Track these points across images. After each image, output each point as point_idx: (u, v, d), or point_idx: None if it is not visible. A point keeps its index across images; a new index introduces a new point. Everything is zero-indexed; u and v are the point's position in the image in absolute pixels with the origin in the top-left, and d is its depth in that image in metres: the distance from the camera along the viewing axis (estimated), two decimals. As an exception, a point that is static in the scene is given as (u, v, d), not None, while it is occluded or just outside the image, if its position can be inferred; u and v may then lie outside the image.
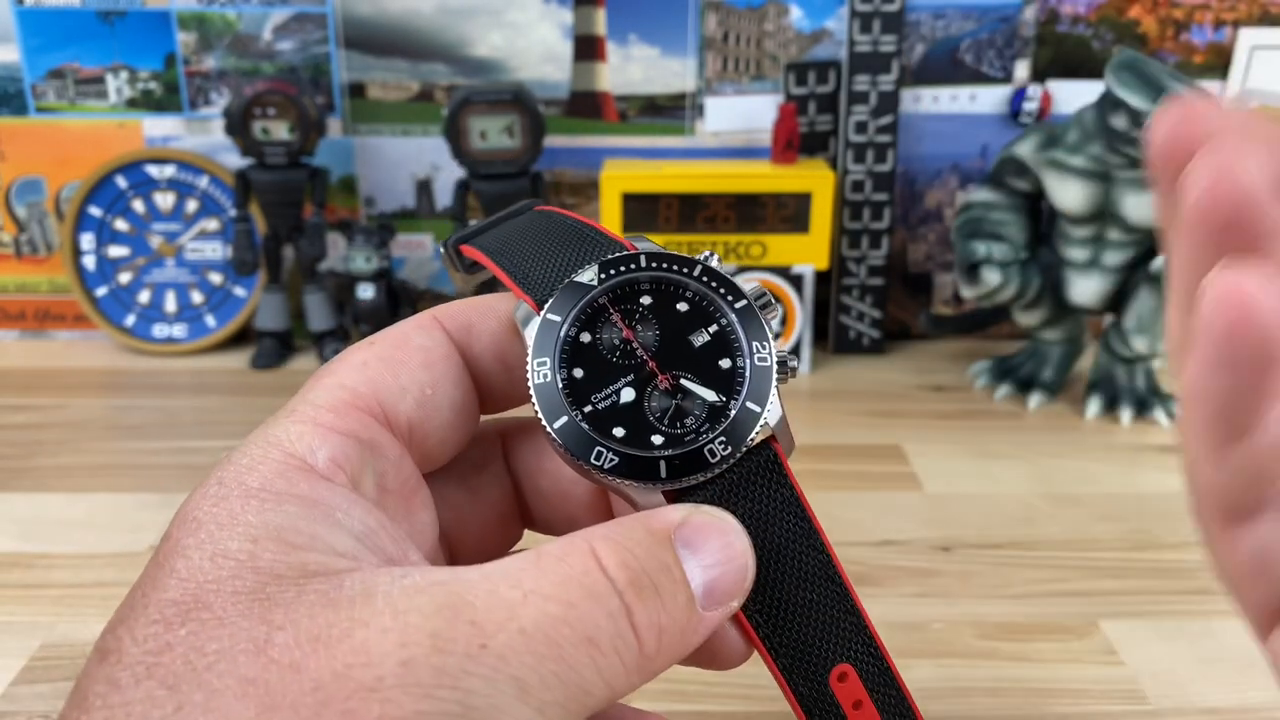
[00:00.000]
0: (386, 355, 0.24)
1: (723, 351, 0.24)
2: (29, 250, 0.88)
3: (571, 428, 0.23)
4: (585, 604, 0.19)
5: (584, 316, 0.24)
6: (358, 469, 0.22)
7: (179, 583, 0.19)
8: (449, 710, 0.17)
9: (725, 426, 0.23)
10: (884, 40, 0.81)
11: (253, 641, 0.17)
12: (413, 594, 0.18)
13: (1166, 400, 0.73)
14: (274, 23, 0.82)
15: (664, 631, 0.20)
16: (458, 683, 0.18)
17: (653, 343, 0.24)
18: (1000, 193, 0.74)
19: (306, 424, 0.22)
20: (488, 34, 0.83)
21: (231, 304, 0.87)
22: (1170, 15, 0.82)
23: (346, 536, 0.20)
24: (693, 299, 0.25)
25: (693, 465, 0.23)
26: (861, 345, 0.87)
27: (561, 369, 0.24)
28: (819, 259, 0.80)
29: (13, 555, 0.55)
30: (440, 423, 0.24)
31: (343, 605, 0.18)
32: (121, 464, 0.66)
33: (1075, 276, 0.73)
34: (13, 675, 0.46)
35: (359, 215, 0.87)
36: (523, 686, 0.18)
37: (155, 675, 0.17)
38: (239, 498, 0.20)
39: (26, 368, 0.83)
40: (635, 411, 0.23)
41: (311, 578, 0.19)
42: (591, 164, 0.86)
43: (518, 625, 0.18)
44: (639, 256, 0.25)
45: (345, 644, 0.17)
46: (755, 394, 0.23)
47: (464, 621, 0.18)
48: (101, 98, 0.84)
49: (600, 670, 0.19)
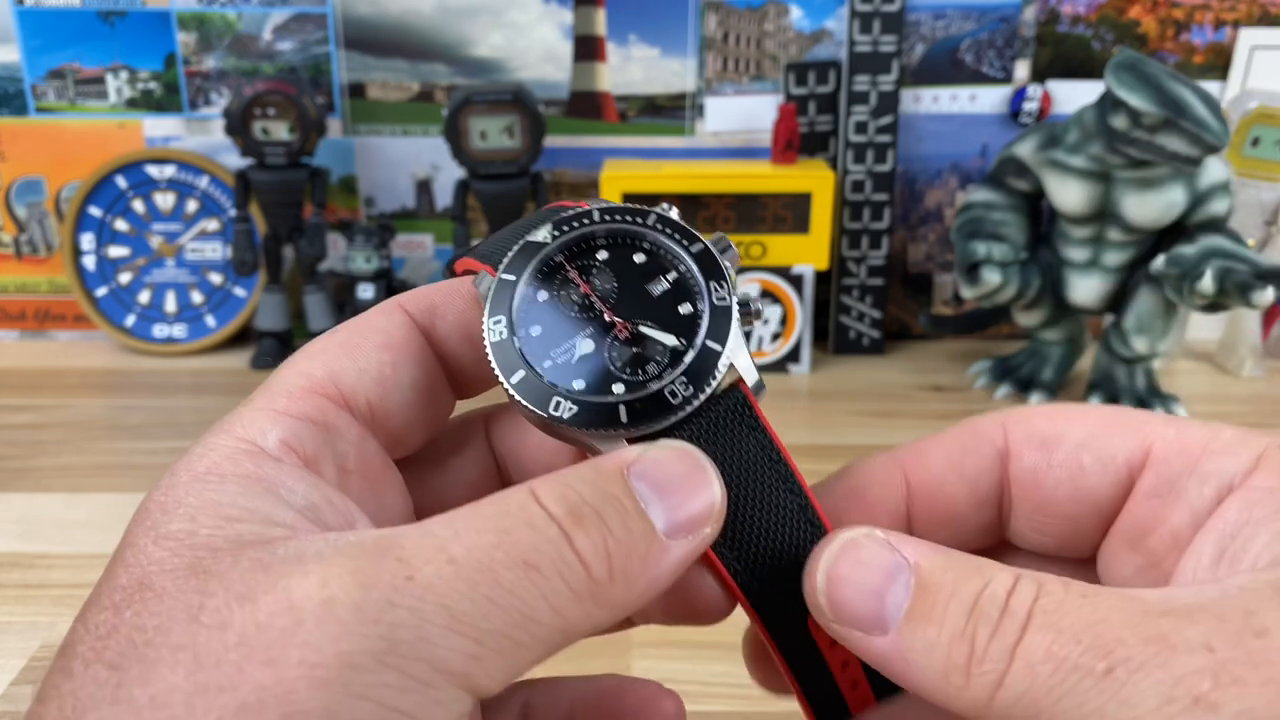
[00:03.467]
0: (344, 340, 0.24)
1: (682, 297, 0.24)
2: (29, 250, 0.88)
3: (529, 381, 0.23)
4: (520, 531, 0.19)
5: (540, 274, 0.24)
6: (313, 451, 0.22)
7: (126, 569, 0.19)
8: (372, 647, 0.17)
9: (685, 367, 0.22)
10: (884, 40, 0.81)
11: (187, 610, 0.18)
12: (344, 546, 0.18)
13: (1166, 400, 0.73)
14: (274, 23, 0.82)
15: (613, 556, 0.19)
16: (381, 615, 0.17)
17: (610, 294, 0.24)
18: (1000, 193, 0.74)
19: (260, 410, 0.22)
20: (488, 34, 0.83)
21: (231, 304, 0.87)
22: (1170, 15, 0.82)
23: (286, 509, 0.20)
24: (649, 249, 0.24)
25: (655, 409, 0.22)
26: (861, 345, 0.87)
27: (521, 326, 0.23)
28: (819, 259, 0.80)
29: (13, 555, 0.55)
30: (402, 402, 0.24)
31: (274, 565, 0.18)
32: (121, 464, 0.66)
33: (1075, 276, 0.73)
34: (13, 675, 0.46)
35: (359, 215, 0.87)
36: (454, 615, 0.17)
37: (102, 658, 0.18)
38: (185, 483, 0.20)
39: (26, 368, 0.83)
40: (594, 362, 0.23)
41: (247, 547, 0.19)
42: (591, 164, 0.86)
43: (446, 556, 0.18)
44: (592, 211, 0.24)
45: (269, 596, 0.17)
46: (714, 333, 0.23)
47: (390, 559, 0.18)
48: (101, 98, 0.84)
49: (544, 595, 0.18)
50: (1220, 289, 0.65)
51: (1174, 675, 0.17)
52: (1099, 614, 0.18)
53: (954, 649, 0.19)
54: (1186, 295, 0.66)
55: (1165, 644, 0.17)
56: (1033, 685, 0.18)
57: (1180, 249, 0.67)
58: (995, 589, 0.19)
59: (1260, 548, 0.19)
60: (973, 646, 0.19)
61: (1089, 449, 0.23)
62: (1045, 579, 0.19)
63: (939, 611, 0.19)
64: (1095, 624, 0.18)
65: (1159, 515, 0.22)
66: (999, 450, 0.24)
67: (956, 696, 0.19)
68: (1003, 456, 0.24)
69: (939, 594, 0.20)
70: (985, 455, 0.24)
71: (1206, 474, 0.22)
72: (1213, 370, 0.83)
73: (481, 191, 0.79)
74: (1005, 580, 0.19)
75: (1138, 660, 0.17)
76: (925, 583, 0.20)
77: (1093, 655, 0.17)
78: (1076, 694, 0.17)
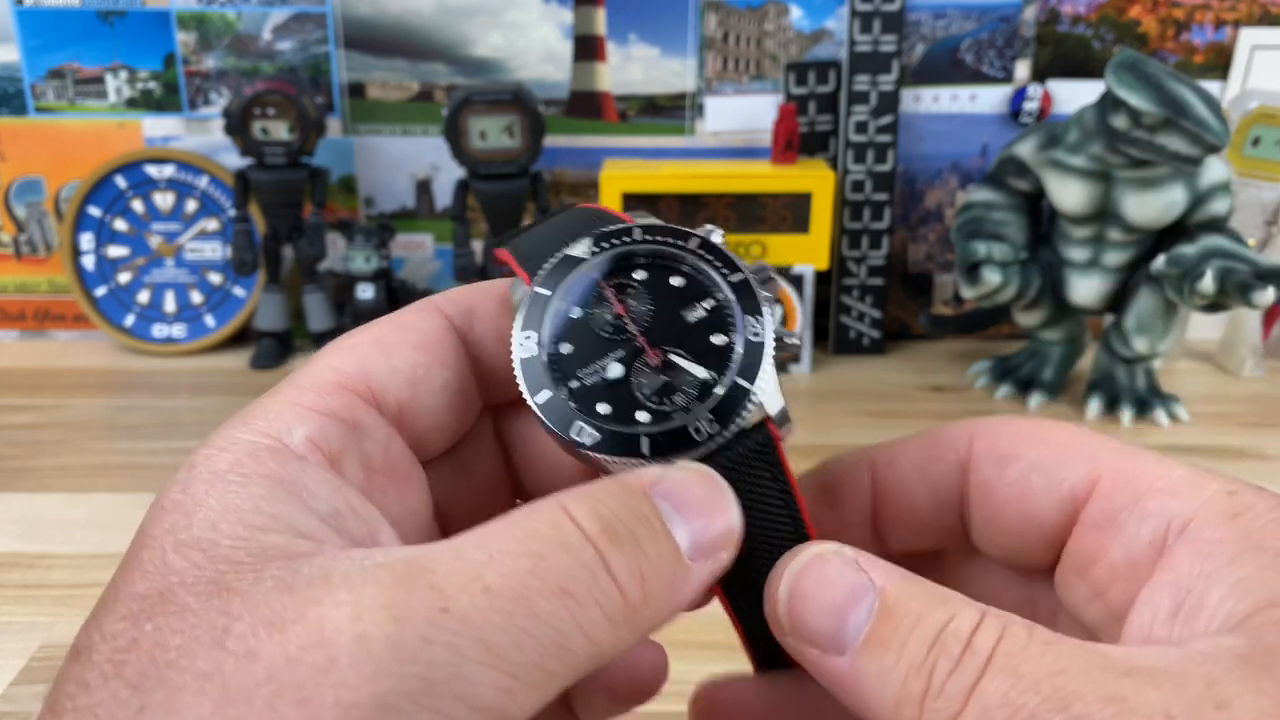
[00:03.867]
0: (378, 337, 0.23)
1: (717, 327, 0.23)
2: (29, 250, 0.88)
3: (554, 402, 0.22)
4: (556, 555, 0.18)
5: (575, 290, 0.24)
6: (338, 449, 0.21)
7: (144, 576, 0.18)
8: (408, 687, 0.16)
9: (712, 403, 0.22)
10: (884, 40, 0.81)
11: (211, 632, 0.17)
12: (372, 569, 0.18)
13: (1167, 400, 0.73)
14: (274, 23, 0.82)
15: (647, 579, 0.19)
16: (417, 654, 0.17)
17: (645, 318, 0.23)
18: (1000, 193, 0.74)
19: (286, 404, 0.21)
20: (488, 34, 0.83)
21: (231, 304, 0.87)
22: (1170, 15, 0.82)
23: (310, 518, 0.19)
24: (688, 273, 0.24)
25: (677, 442, 0.22)
26: (861, 345, 0.86)
27: (551, 343, 0.23)
28: (819, 259, 0.80)
29: (13, 555, 0.55)
30: (432, 405, 0.24)
31: (299, 588, 0.17)
32: (121, 464, 0.66)
33: (1075, 276, 0.73)
34: (13, 675, 0.46)
35: (359, 215, 0.87)
36: (490, 649, 0.17)
37: (122, 674, 0.17)
38: (205, 481, 0.20)
39: (26, 368, 0.83)
40: (622, 388, 0.23)
41: (269, 562, 0.18)
42: (591, 164, 0.85)
43: (481, 584, 0.17)
44: (634, 229, 0.24)
45: (299, 626, 0.17)
46: (746, 370, 0.22)
47: (423, 587, 0.17)
48: (101, 98, 0.84)
49: (580, 623, 0.18)
50: (1221, 289, 0.65)
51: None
52: (1060, 665, 0.18)
53: (911, 680, 0.19)
54: (1187, 295, 0.66)
55: (1124, 705, 0.17)
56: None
57: (1181, 249, 0.67)
58: (960, 624, 0.19)
59: (1215, 603, 0.19)
60: (930, 680, 0.18)
61: (1039, 472, 0.23)
62: (1010, 621, 0.19)
63: (899, 639, 0.19)
64: (1055, 675, 0.17)
65: (1101, 547, 0.22)
66: (960, 460, 0.24)
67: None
68: (964, 466, 0.24)
69: (902, 621, 0.19)
70: (948, 463, 0.25)
71: (1146, 512, 0.21)
72: (1213, 370, 0.83)
73: (481, 191, 0.79)
74: (971, 617, 0.19)
75: (1095, 718, 0.17)
76: (889, 608, 0.19)
77: (1050, 707, 0.17)
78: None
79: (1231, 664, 0.17)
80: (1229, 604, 0.18)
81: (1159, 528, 0.21)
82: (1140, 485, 0.22)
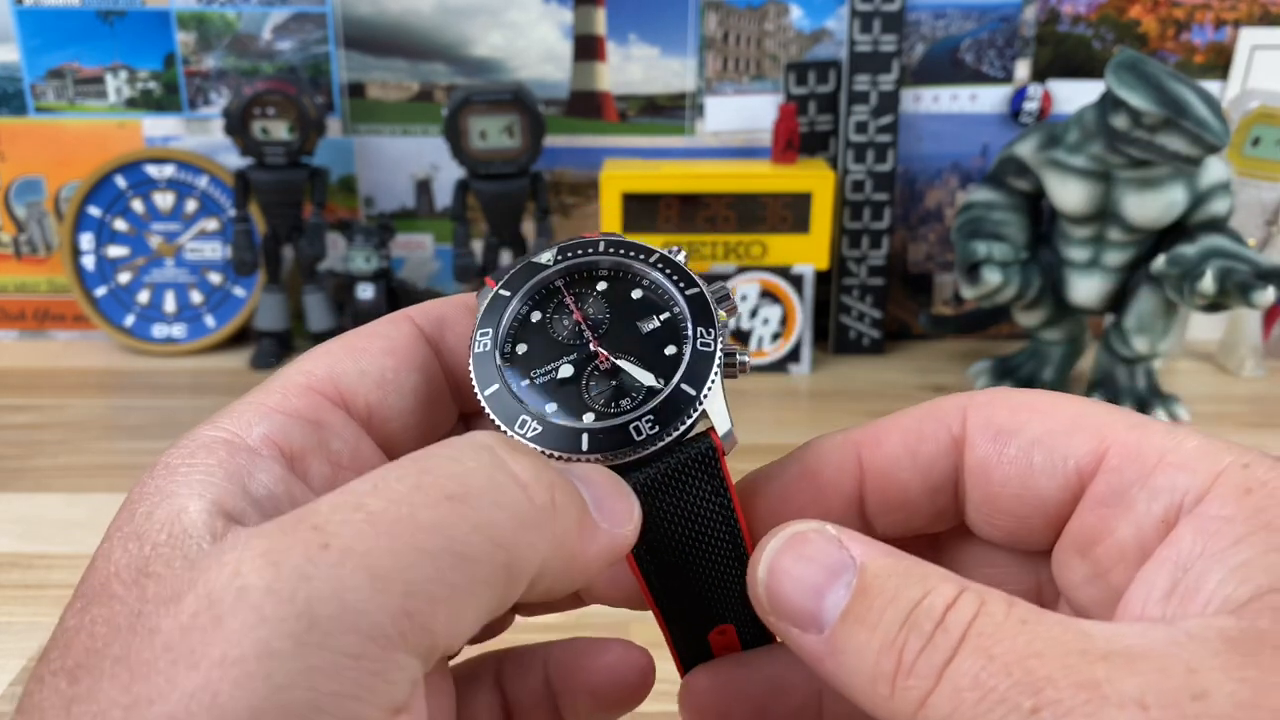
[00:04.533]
0: (349, 343, 0.24)
1: (669, 338, 0.23)
2: (28, 250, 0.88)
3: (501, 395, 0.23)
4: (443, 466, 0.18)
5: (537, 295, 0.24)
6: (299, 446, 0.22)
7: (94, 570, 0.19)
8: (291, 628, 0.16)
9: (654, 404, 0.22)
10: (884, 40, 0.81)
11: (128, 618, 0.17)
12: (264, 528, 0.17)
13: (1167, 400, 0.73)
14: (273, 22, 0.82)
15: (555, 487, 0.19)
16: (295, 594, 0.16)
17: (601, 324, 0.24)
18: (1001, 192, 0.74)
19: (251, 405, 0.22)
20: (488, 34, 0.83)
21: (231, 304, 0.87)
22: (1171, 15, 0.82)
23: (241, 500, 0.19)
24: (648, 286, 0.24)
25: (616, 441, 0.22)
26: (861, 345, 0.86)
27: (506, 342, 0.24)
28: (819, 259, 0.80)
29: (13, 555, 0.55)
30: (401, 407, 0.24)
31: (199, 560, 0.17)
32: (121, 464, 0.66)
33: (1075, 276, 0.73)
34: (13, 675, 0.46)
35: (358, 215, 0.87)
36: (376, 574, 0.16)
37: (65, 666, 0.17)
38: (158, 476, 0.20)
39: (26, 368, 0.83)
40: (572, 389, 0.23)
41: (187, 542, 0.18)
42: (591, 164, 0.85)
43: (364, 513, 0.17)
44: (599, 242, 0.25)
45: (190, 594, 0.17)
46: (691, 376, 0.23)
47: (304, 529, 0.17)
48: (101, 98, 0.84)
49: (477, 526, 0.17)
50: (1221, 289, 0.65)
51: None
52: (1035, 646, 0.17)
53: (883, 657, 0.18)
54: (1187, 295, 0.66)
55: (1097, 692, 0.16)
56: (957, 710, 0.17)
57: (1181, 249, 0.67)
58: (934, 601, 0.18)
59: (1214, 585, 0.18)
60: (900, 658, 0.18)
61: (1042, 447, 0.22)
62: (990, 596, 0.18)
63: (874, 616, 0.19)
64: (1029, 657, 0.17)
65: (1107, 525, 0.21)
66: (955, 437, 0.23)
67: (882, 706, 0.18)
68: (958, 444, 0.23)
69: (878, 598, 0.19)
70: (941, 442, 0.24)
71: (1157, 488, 0.20)
72: (1213, 370, 0.83)
73: (481, 191, 0.79)
74: (947, 593, 0.18)
75: (1066, 705, 0.16)
76: (867, 585, 0.19)
77: (1021, 691, 0.17)
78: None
79: (1218, 648, 0.17)
80: (1228, 587, 0.18)
81: (1171, 504, 0.20)
82: (1150, 459, 0.21)
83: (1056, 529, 0.23)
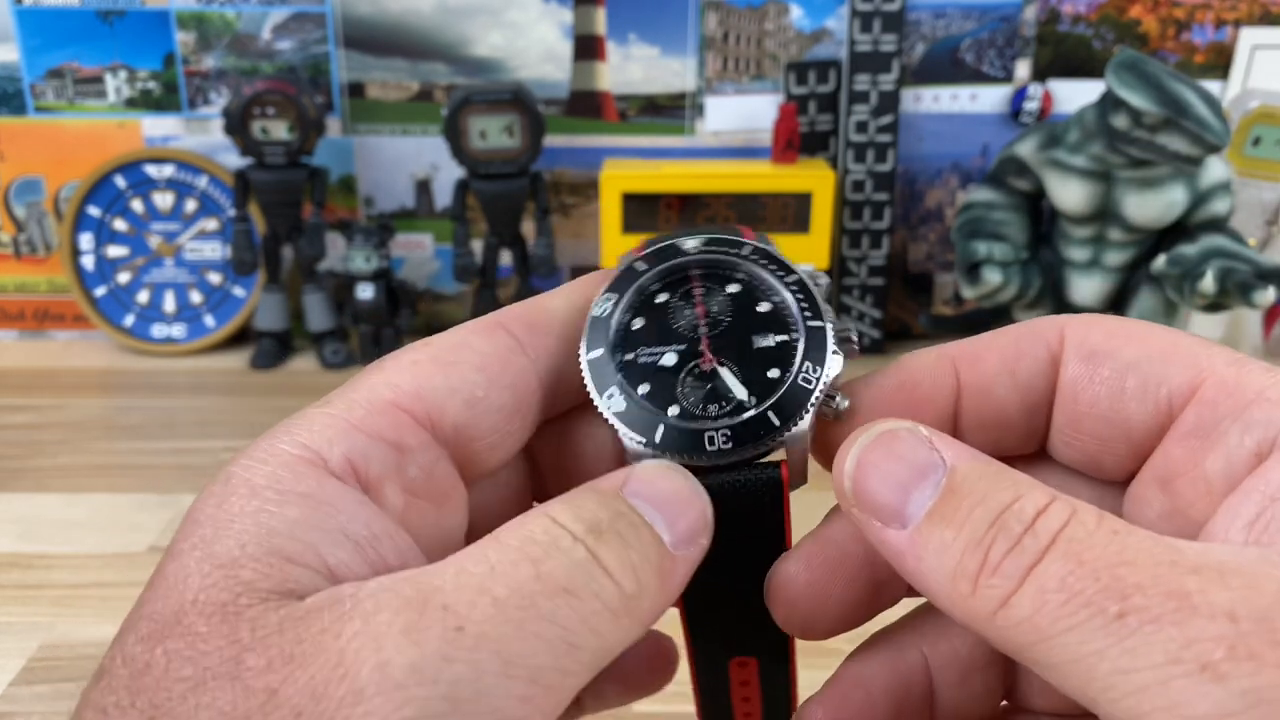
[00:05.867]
0: (439, 355, 0.23)
1: (778, 361, 0.23)
2: (28, 250, 0.88)
3: (601, 363, 0.23)
4: (551, 558, 0.18)
5: (670, 278, 0.24)
6: (378, 472, 0.21)
7: (163, 595, 0.18)
8: (436, 709, 0.17)
9: (736, 422, 0.22)
10: (884, 40, 0.81)
11: (224, 665, 0.17)
12: (379, 593, 0.18)
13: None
14: (273, 22, 0.82)
15: (637, 569, 0.19)
16: (439, 675, 0.17)
17: (718, 326, 0.24)
18: (1001, 192, 0.74)
19: (333, 418, 0.21)
20: (488, 34, 0.83)
21: (230, 304, 0.87)
22: (1171, 15, 0.82)
23: (341, 549, 0.19)
24: (778, 304, 0.24)
25: (688, 443, 0.22)
26: (861, 345, 0.86)
27: (626, 313, 0.24)
28: (819, 259, 0.80)
29: (13, 555, 0.55)
30: (490, 426, 0.23)
31: (311, 618, 0.17)
32: (121, 464, 0.66)
33: (1076, 276, 0.73)
34: (12, 675, 0.46)
35: (358, 215, 0.87)
36: (507, 660, 0.17)
37: (137, 704, 0.17)
38: (241, 496, 0.19)
39: (26, 368, 0.83)
40: (669, 378, 0.23)
41: (287, 595, 0.18)
42: (591, 164, 0.85)
43: (490, 597, 0.18)
44: (745, 245, 0.24)
45: (319, 660, 0.17)
46: (781, 407, 0.22)
47: (435, 608, 0.17)
48: (101, 97, 0.84)
49: (584, 619, 0.18)
50: (1221, 289, 0.65)
51: (1187, 636, 0.16)
52: (1126, 555, 0.17)
53: (967, 555, 0.18)
54: (1187, 295, 0.66)
55: (1187, 601, 0.16)
56: (1039, 611, 0.17)
57: (1181, 249, 0.67)
58: (1024, 505, 0.18)
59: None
60: (986, 557, 0.18)
61: (1136, 372, 0.22)
62: (1081, 507, 0.18)
63: (961, 516, 0.19)
64: (1119, 565, 0.17)
65: (1193, 457, 0.21)
66: (1052, 355, 0.23)
67: (960, 604, 0.18)
68: (1055, 362, 0.23)
69: (966, 499, 0.19)
70: (1039, 359, 0.23)
71: (1251, 422, 0.20)
72: (1213, 370, 0.83)
73: (481, 191, 0.79)
74: (1038, 499, 0.18)
75: (1154, 612, 0.16)
76: (956, 486, 0.19)
77: (1108, 596, 0.17)
78: (1082, 631, 0.17)
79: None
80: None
81: (1265, 438, 0.20)
82: (1248, 393, 0.20)
83: (1138, 458, 0.22)
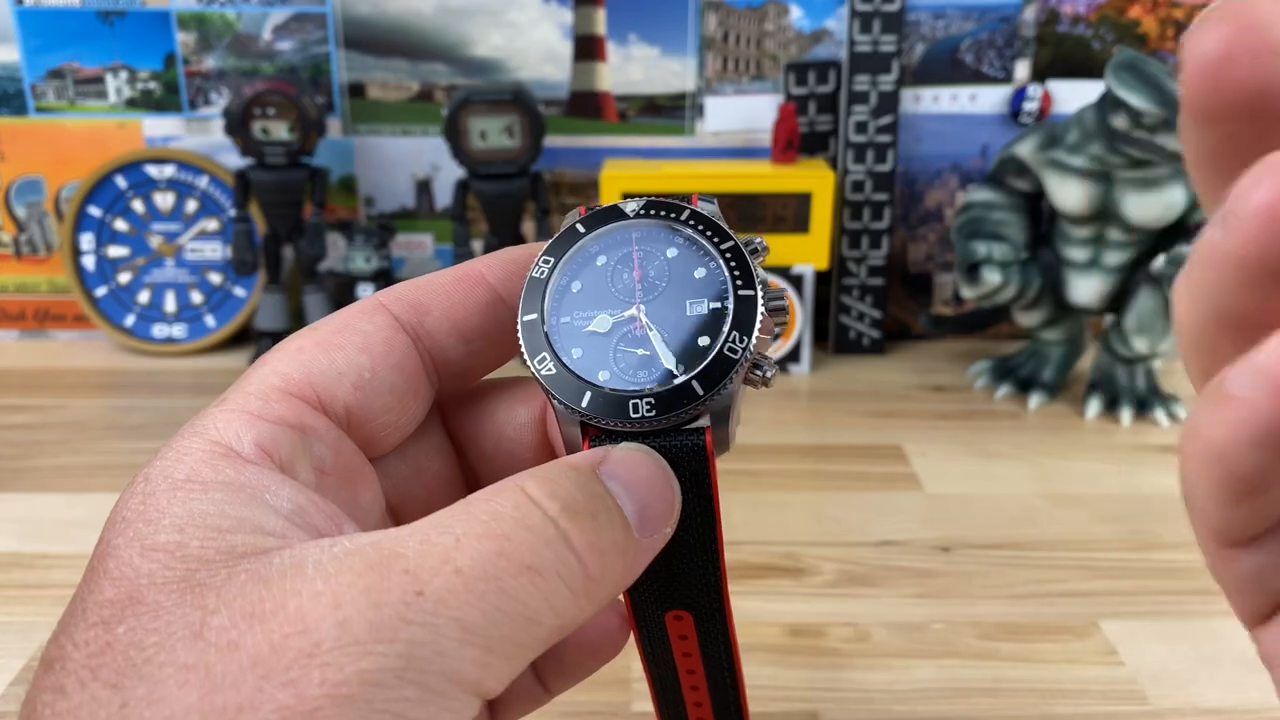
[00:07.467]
0: (324, 340, 0.23)
1: (708, 329, 0.23)
2: (29, 250, 0.88)
3: (533, 326, 0.23)
4: (520, 535, 0.19)
5: (607, 240, 0.24)
6: (289, 454, 0.22)
7: (112, 582, 0.19)
8: (391, 665, 0.17)
9: (661, 390, 0.22)
10: (884, 40, 0.81)
11: (188, 627, 0.17)
12: (343, 557, 0.18)
13: (1167, 400, 0.73)
14: (274, 23, 0.82)
15: (605, 554, 0.20)
16: (396, 634, 0.17)
17: (654, 291, 0.24)
18: (1000, 193, 0.74)
19: (234, 412, 0.22)
20: (488, 34, 0.83)
21: (231, 304, 0.87)
22: (1170, 15, 0.82)
23: (274, 516, 0.20)
24: (711, 269, 0.24)
25: (613, 410, 0.22)
26: (861, 345, 0.86)
27: (564, 276, 0.24)
28: (819, 259, 0.80)
29: (13, 555, 0.55)
30: (381, 406, 0.24)
31: (274, 579, 0.18)
32: (121, 464, 0.66)
33: (1075, 276, 0.73)
34: (12, 675, 0.46)
35: (359, 215, 0.87)
36: (465, 626, 0.18)
37: (100, 677, 0.17)
38: (165, 491, 0.20)
39: (26, 368, 0.83)
40: (602, 342, 0.23)
41: (241, 559, 0.19)
42: (591, 164, 0.86)
43: (452, 567, 0.18)
44: (685, 210, 0.24)
45: (279, 615, 0.17)
46: (707, 376, 0.22)
47: (397, 572, 0.18)
48: (101, 98, 0.84)
49: (546, 597, 0.19)
50: (1220, 289, 0.65)
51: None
52: None
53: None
54: (1187, 295, 0.66)
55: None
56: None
57: (1181, 249, 0.67)
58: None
59: None
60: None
61: None
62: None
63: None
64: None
65: None
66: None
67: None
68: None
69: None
70: None
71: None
72: (1213, 370, 0.83)
73: (481, 191, 0.79)
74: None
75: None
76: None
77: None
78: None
79: None
80: None
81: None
82: None
83: None
